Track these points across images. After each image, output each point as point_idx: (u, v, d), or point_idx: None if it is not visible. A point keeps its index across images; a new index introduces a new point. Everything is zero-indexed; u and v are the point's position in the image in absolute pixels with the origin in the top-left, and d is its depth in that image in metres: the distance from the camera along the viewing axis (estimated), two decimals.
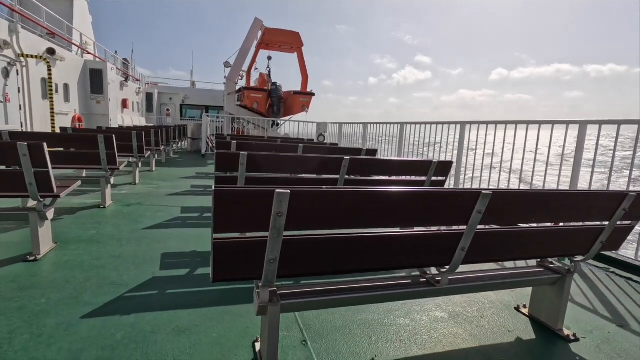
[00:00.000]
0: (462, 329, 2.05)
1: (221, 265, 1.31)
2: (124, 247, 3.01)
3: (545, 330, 2.08)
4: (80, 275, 2.42)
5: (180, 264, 2.74)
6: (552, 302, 2.09)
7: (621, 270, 3.04)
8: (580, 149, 3.46)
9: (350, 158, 3.14)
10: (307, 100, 13.57)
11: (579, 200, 1.74)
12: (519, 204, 1.63)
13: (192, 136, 13.72)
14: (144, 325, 1.87)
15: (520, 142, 4.15)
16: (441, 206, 1.53)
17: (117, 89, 16.70)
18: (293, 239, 1.38)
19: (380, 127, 7.79)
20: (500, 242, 1.74)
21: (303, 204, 1.29)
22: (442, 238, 1.60)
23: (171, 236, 3.39)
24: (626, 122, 3.13)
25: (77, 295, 2.14)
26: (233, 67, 13.74)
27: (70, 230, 3.36)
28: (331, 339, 1.87)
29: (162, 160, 9.56)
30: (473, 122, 4.97)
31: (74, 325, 1.83)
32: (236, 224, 1.25)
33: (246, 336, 1.84)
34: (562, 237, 1.87)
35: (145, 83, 25.32)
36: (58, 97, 11.69)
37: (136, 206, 4.47)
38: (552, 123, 3.79)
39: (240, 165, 2.83)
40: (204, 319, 1.97)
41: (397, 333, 1.96)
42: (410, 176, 3.52)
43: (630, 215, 1.88)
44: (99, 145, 4.04)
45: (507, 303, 2.39)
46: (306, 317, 2.05)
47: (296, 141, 7.19)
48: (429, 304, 2.31)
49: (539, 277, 2.00)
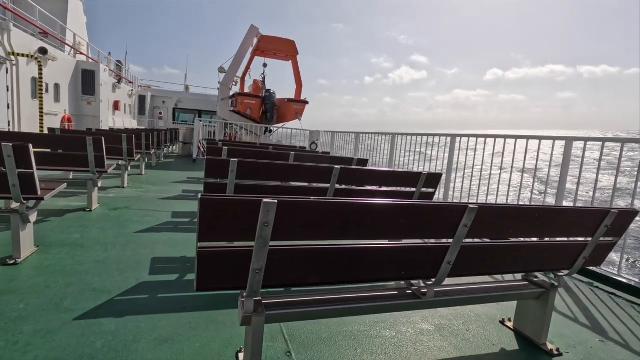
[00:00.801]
0: (447, 342, 2.05)
1: (205, 274, 1.30)
2: (108, 252, 2.95)
3: (529, 345, 2.09)
4: (61, 281, 2.36)
5: (167, 269, 2.70)
6: (537, 316, 2.11)
7: (605, 285, 3.09)
8: (566, 165, 3.53)
9: (340, 168, 3.15)
10: (300, 108, 13.64)
11: (563, 216, 1.78)
12: (505, 219, 1.66)
13: (183, 140, 13.64)
14: (126, 334, 1.83)
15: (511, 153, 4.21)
16: (428, 219, 1.54)
17: (109, 90, 16.56)
18: (279, 249, 1.37)
19: (372, 137, 7.85)
20: (486, 256, 1.76)
21: (290, 214, 1.29)
22: (428, 251, 1.61)
23: (159, 241, 3.34)
24: (610, 140, 3.22)
25: (57, 301, 2.09)
26: (227, 72, 13.76)
27: (54, 234, 3.29)
28: (316, 350, 1.85)
29: (153, 164, 9.46)
30: (463, 134, 5.04)
31: (53, 332, 1.78)
32: (222, 232, 1.24)
33: (230, 346, 1.81)
34: (546, 252, 1.89)
35: (138, 85, 25.16)
36: (48, 97, 11.53)
37: (123, 210, 4.40)
38: (540, 138, 3.87)
39: (230, 172, 2.81)
40: (187, 328, 1.93)
41: (382, 345, 1.95)
42: (400, 187, 3.54)
43: (612, 231, 1.91)
44: (88, 148, 3.98)
45: (493, 316, 2.40)
46: (291, 327, 2.03)
47: (288, 149, 7.19)
48: (415, 316, 2.31)
49: (523, 291, 2.02)
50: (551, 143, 3.68)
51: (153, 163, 9.49)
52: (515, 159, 4.08)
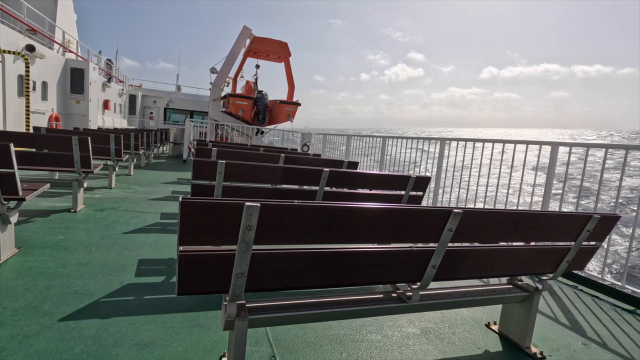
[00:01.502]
0: (432, 346, 2.05)
1: (187, 278, 1.28)
2: (92, 254, 2.90)
3: (514, 348, 2.10)
4: (42, 284, 2.31)
5: (153, 271, 2.66)
6: (521, 319, 2.12)
7: (588, 288, 3.14)
8: (552, 170, 3.58)
9: (329, 170, 3.15)
10: (292, 109, 13.63)
11: (547, 221, 1.79)
12: (489, 224, 1.67)
13: (174, 141, 13.51)
14: (106, 338, 1.79)
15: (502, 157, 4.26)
16: (413, 223, 1.54)
17: (98, 89, 16.33)
18: (263, 252, 1.35)
19: (364, 140, 7.87)
20: (471, 260, 1.77)
21: (274, 218, 1.28)
22: (413, 255, 1.61)
23: (145, 243, 3.29)
24: (594, 146, 3.27)
25: (36, 305, 2.04)
26: (219, 73, 13.69)
27: (36, 235, 3.22)
28: (301, 354, 1.83)
29: (142, 164, 9.35)
30: (452, 138, 5.09)
31: (30, 337, 1.74)
32: (203, 236, 1.22)
33: (213, 351, 1.79)
34: (530, 256, 1.91)
35: (128, 84, 24.87)
36: (35, 95, 11.32)
37: (110, 211, 4.33)
38: (527, 143, 3.92)
39: (217, 174, 2.78)
40: (170, 332, 1.90)
41: (367, 349, 1.94)
42: (388, 190, 3.55)
43: (595, 236, 1.94)
44: (73, 147, 3.91)
45: (479, 320, 2.42)
46: (276, 331, 2.01)
47: (279, 150, 7.17)
48: (402, 319, 2.31)
49: (508, 295, 2.04)
50: (544, 147, 3.73)
51: (142, 163, 9.37)
52: (506, 162, 4.13)
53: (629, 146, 3.05)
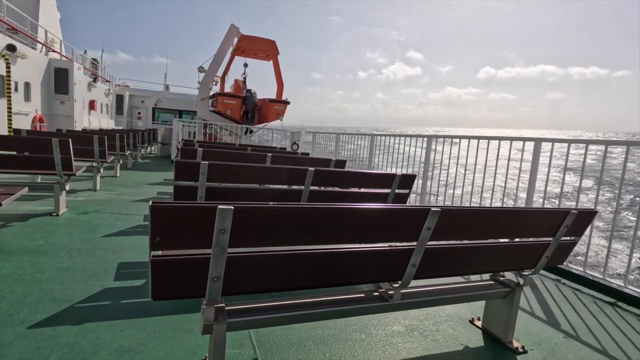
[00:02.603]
0: (416, 343, 2.06)
1: (160, 283, 1.25)
2: (73, 259, 2.84)
3: (496, 343, 2.13)
4: (19, 290, 2.25)
5: (135, 275, 2.62)
6: (503, 314, 2.14)
7: (571, 282, 3.19)
8: (535, 166, 3.63)
9: (315, 170, 3.13)
10: (282, 108, 13.56)
11: (525, 218, 1.81)
12: (468, 221, 1.67)
13: (162, 141, 13.35)
14: (84, 345, 1.76)
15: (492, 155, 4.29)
16: (392, 223, 1.54)
17: (84, 89, 16.02)
18: (239, 255, 1.34)
19: (352, 138, 7.88)
20: (450, 257, 1.78)
21: (249, 221, 1.26)
22: (393, 254, 1.61)
23: (129, 246, 3.24)
24: (575, 142, 3.32)
25: (12, 313, 1.99)
26: (207, 72, 13.55)
27: (15, 240, 3.14)
28: (284, 355, 1.82)
29: (128, 165, 9.21)
30: (439, 135, 5.12)
31: (4, 346, 1.69)
32: (175, 241, 1.20)
33: (195, 354, 1.77)
34: (510, 252, 1.93)
35: (115, 84, 24.47)
36: (17, 96, 11.06)
37: (93, 214, 4.26)
38: (511, 140, 3.96)
39: (200, 175, 2.75)
40: (151, 337, 1.87)
41: (351, 349, 1.94)
42: (375, 188, 3.56)
43: (573, 231, 1.97)
44: (53, 149, 3.83)
45: (463, 316, 2.44)
46: (259, 333, 2.00)
47: (267, 150, 7.13)
48: (386, 318, 2.32)
49: (490, 291, 2.06)
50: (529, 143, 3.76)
51: (129, 164, 9.23)
52: (492, 159, 4.16)
53: (608, 141, 3.10)
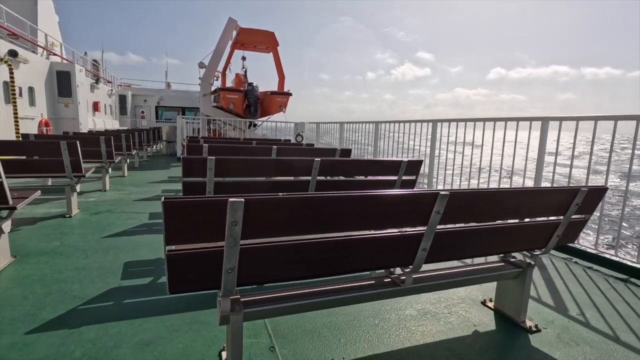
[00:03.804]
0: (430, 326, 2.08)
1: (176, 277, 1.28)
2: (89, 258, 2.90)
3: (509, 323, 2.14)
4: (39, 291, 2.32)
5: (149, 272, 2.67)
6: (515, 295, 2.16)
7: (582, 260, 3.18)
8: (543, 145, 3.59)
9: (321, 160, 3.14)
10: (284, 100, 13.50)
11: (534, 197, 1.80)
12: (477, 203, 1.67)
13: (167, 139, 13.42)
14: (106, 340, 1.81)
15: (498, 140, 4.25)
16: (401, 208, 1.55)
17: (87, 91, 16.11)
18: (251, 247, 1.36)
19: (356, 127, 7.83)
20: (461, 240, 1.78)
21: (259, 212, 1.28)
22: (403, 239, 1.62)
23: (141, 244, 3.30)
24: (583, 119, 3.27)
25: (34, 312, 2.05)
26: (207, 67, 13.50)
27: (32, 243, 3.21)
28: (300, 343, 1.86)
29: (135, 164, 9.29)
30: (444, 119, 5.08)
31: (30, 344, 1.75)
32: (189, 235, 1.23)
33: (213, 345, 1.81)
34: (520, 233, 1.93)
35: (117, 84, 24.54)
36: (22, 101, 11.16)
37: (105, 214, 4.33)
38: (517, 120, 3.91)
39: (208, 170, 2.77)
40: (170, 330, 1.92)
41: (365, 334, 1.97)
42: (381, 176, 3.56)
43: (583, 209, 1.96)
44: (62, 152, 3.88)
45: (475, 298, 2.45)
46: (275, 322, 2.04)
47: (272, 142, 7.13)
48: (399, 302, 2.34)
49: (501, 272, 2.06)
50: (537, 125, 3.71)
51: (136, 164, 9.32)
52: (501, 142, 4.13)
53: (618, 117, 3.05)
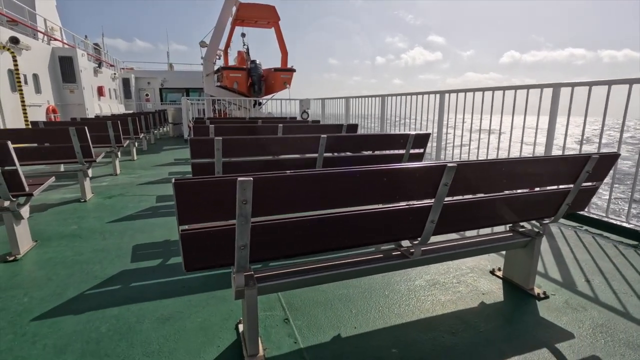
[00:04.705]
0: (439, 296, 2.14)
1: (191, 255, 1.33)
2: (106, 240, 3.00)
3: (518, 291, 2.18)
4: (62, 272, 2.42)
5: (165, 253, 2.75)
6: (524, 263, 2.18)
7: (591, 228, 3.18)
8: (554, 113, 3.51)
9: (327, 136, 3.13)
10: (288, 76, 13.29)
11: (544, 166, 1.79)
12: (485, 174, 1.67)
13: (173, 121, 13.42)
14: (129, 316, 1.90)
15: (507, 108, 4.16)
16: (409, 181, 1.56)
17: (90, 76, 16.05)
18: (262, 224, 1.39)
19: (363, 101, 7.71)
20: (469, 212, 1.79)
21: (268, 190, 1.30)
22: (411, 212, 1.64)
23: (155, 225, 3.39)
24: (596, 83, 3.17)
25: (60, 292, 2.16)
26: (209, 46, 13.29)
27: (51, 227, 3.33)
28: (313, 314, 1.93)
29: (144, 148, 9.38)
30: (452, 90, 4.96)
31: (58, 321, 1.86)
32: (201, 214, 1.26)
33: (230, 319, 1.89)
34: (529, 202, 1.93)
35: (120, 68, 24.37)
36: (28, 88, 11.20)
37: (118, 197, 4.43)
38: (528, 87, 3.81)
39: (216, 151, 2.80)
40: (188, 306, 2.01)
41: (376, 304, 2.04)
42: (388, 150, 3.54)
43: (594, 176, 1.94)
44: (72, 138, 3.93)
45: (483, 268, 2.49)
46: (288, 295, 2.11)
47: (278, 121, 7.10)
48: (409, 274, 2.39)
49: (509, 242, 2.08)
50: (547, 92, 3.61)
51: (144, 147, 9.41)
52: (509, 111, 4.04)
53: (633, 80, 2.95)
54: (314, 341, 1.71)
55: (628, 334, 1.77)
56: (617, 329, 1.82)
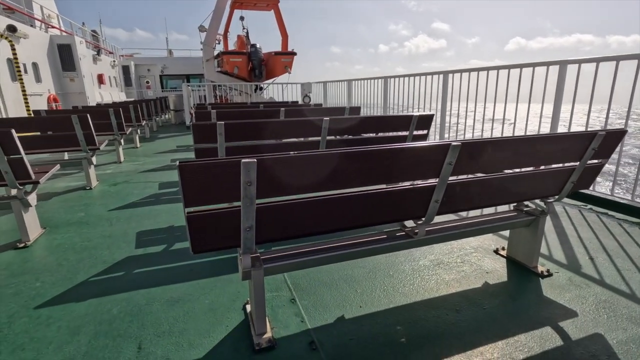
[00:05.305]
0: (443, 275, 2.16)
1: (198, 237, 1.35)
2: (114, 227, 3.04)
3: (521, 269, 2.20)
4: (72, 257, 2.47)
5: (170, 238, 2.79)
6: (528, 242, 2.19)
7: (596, 206, 3.17)
8: (560, 90, 3.45)
9: (330, 119, 3.11)
10: (289, 60, 13.11)
11: (548, 144, 1.77)
12: (489, 153, 1.66)
13: (174, 108, 13.37)
14: (139, 299, 1.95)
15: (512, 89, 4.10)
16: (413, 161, 1.55)
17: (90, 63, 15.93)
18: (267, 205, 1.40)
19: (365, 86, 7.61)
20: (473, 191, 1.79)
21: (272, 172, 1.30)
22: (415, 192, 1.64)
23: (161, 212, 3.42)
24: (604, 59, 3.10)
25: (71, 277, 2.20)
26: (208, 30, 13.08)
27: (59, 215, 3.37)
28: (318, 295, 1.97)
29: (146, 135, 9.38)
30: (455, 70, 4.88)
31: (70, 304, 1.90)
32: (206, 196, 1.27)
33: (237, 300, 1.93)
34: (533, 181, 1.92)
35: (119, 55, 24.13)
36: (28, 77, 11.16)
37: (123, 185, 4.46)
38: (533, 65, 3.73)
39: (218, 136, 2.79)
40: (195, 288, 2.05)
41: (381, 284, 2.07)
42: (392, 132, 3.52)
43: (600, 154, 1.92)
44: (75, 126, 3.93)
45: (487, 247, 2.50)
46: (294, 276, 2.15)
47: (280, 105, 7.05)
48: (413, 254, 2.41)
49: (513, 221, 2.08)
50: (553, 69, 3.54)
51: (147, 134, 9.40)
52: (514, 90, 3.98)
53: None
54: (320, 320, 1.75)
55: (631, 309, 1.79)
56: (619, 304, 1.84)
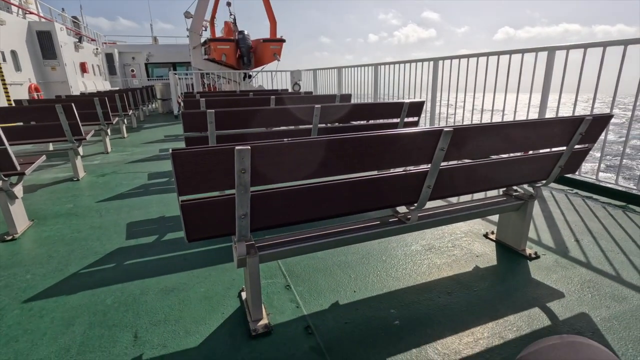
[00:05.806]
0: (435, 260, 2.20)
1: (192, 225, 1.34)
2: (103, 218, 3.00)
3: (510, 252, 2.26)
4: (62, 249, 2.44)
5: (164, 228, 2.77)
6: (516, 226, 2.25)
7: (582, 191, 3.25)
8: (548, 77, 3.48)
9: (321, 106, 3.09)
10: (277, 47, 12.92)
11: (538, 129, 1.80)
12: (480, 138, 1.68)
13: (161, 97, 13.09)
14: (133, 289, 1.94)
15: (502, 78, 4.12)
16: (405, 147, 1.56)
17: (71, 51, 15.42)
18: (261, 193, 1.40)
19: (355, 74, 7.56)
20: (465, 176, 1.81)
21: (266, 159, 1.30)
22: (408, 178, 1.66)
23: (151, 202, 3.38)
24: (592, 45, 3.13)
25: (62, 268, 2.18)
26: (194, 16, 12.76)
27: (46, 206, 3.31)
28: (313, 281, 1.99)
29: (133, 125, 9.20)
30: (445, 57, 4.88)
31: (63, 296, 1.89)
32: (200, 184, 1.26)
33: (232, 287, 1.94)
34: (522, 166, 1.95)
35: (102, 42, 23.40)
36: (7, 66, 10.76)
37: (111, 175, 4.39)
38: (522, 52, 3.76)
39: (209, 124, 2.76)
40: (190, 277, 2.05)
41: (374, 269, 2.10)
42: (383, 119, 3.52)
43: (587, 138, 1.96)
44: (59, 116, 3.83)
45: (477, 231, 2.56)
46: (289, 263, 2.16)
47: (269, 93, 6.96)
48: (405, 240, 2.45)
49: (503, 205, 2.13)
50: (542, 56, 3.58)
51: (134, 124, 9.22)
52: (504, 77, 4.01)
53: (628, 40, 2.92)
54: (315, 305, 1.77)
55: (613, 288, 1.86)
56: (603, 284, 1.91)
